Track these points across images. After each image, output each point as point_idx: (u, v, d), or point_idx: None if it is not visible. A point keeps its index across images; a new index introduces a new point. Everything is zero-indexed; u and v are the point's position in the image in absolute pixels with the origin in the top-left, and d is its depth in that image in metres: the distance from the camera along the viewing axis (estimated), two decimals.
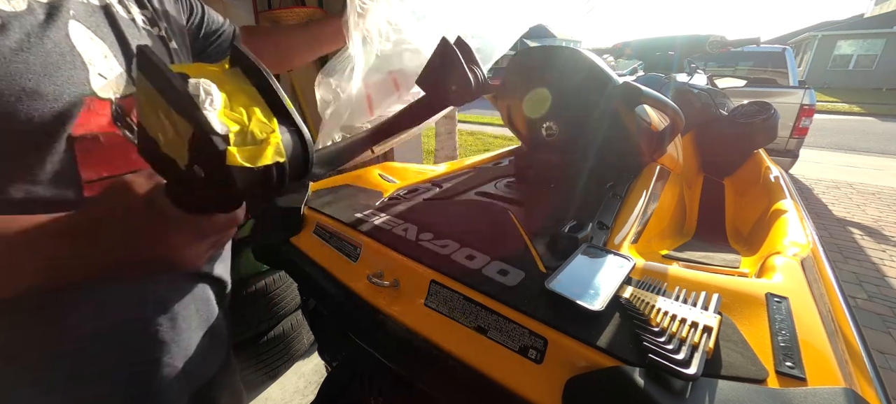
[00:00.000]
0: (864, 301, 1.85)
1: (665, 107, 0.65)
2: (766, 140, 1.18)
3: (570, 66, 0.69)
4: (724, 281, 0.40)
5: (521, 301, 0.39)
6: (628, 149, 0.73)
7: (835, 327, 0.37)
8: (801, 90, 3.28)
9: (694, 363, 0.29)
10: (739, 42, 1.33)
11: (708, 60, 3.71)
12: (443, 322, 0.42)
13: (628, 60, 1.67)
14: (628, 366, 0.30)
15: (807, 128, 3.31)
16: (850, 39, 16.46)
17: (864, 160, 4.69)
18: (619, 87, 0.65)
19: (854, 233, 2.60)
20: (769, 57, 3.85)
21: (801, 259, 0.47)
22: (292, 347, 1.48)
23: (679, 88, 1.12)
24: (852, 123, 7.52)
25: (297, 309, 1.46)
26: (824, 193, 3.47)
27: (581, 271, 0.41)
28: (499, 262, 0.45)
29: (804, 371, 0.30)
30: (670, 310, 0.35)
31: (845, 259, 2.25)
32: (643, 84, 0.65)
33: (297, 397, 1.42)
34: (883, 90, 14.73)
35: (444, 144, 3.26)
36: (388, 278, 0.48)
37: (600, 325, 0.35)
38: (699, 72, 1.52)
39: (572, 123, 0.70)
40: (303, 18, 1.91)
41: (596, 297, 0.37)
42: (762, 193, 0.94)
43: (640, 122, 0.70)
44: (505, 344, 0.37)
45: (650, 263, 0.45)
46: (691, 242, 0.83)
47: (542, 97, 0.70)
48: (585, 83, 0.67)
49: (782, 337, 0.33)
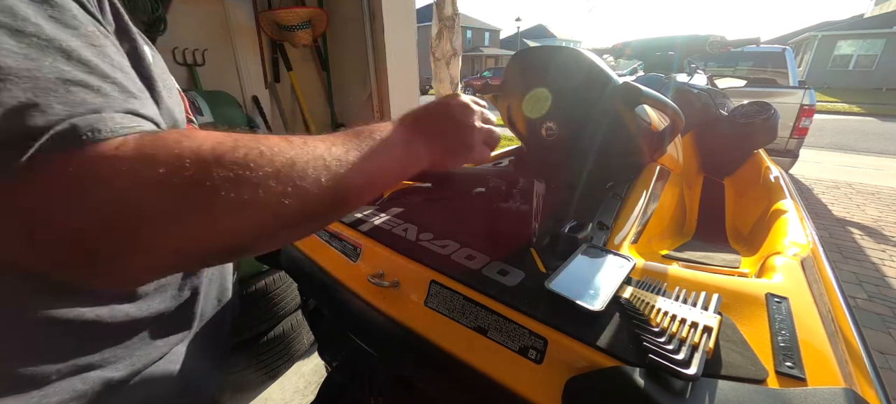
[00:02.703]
0: (864, 301, 1.85)
1: (665, 108, 0.65)
2: (766, 140, 1.18)
3: (570, 66, 0.69)
4: (724, 281, 0.40)
5: (521, 301, 0.39)
6: (628, 149, 0.73)
7: (835, 327, 0.37)
8: (800, 90, 3.28)
9: (694, 363, 0.29)
10: (739, 42, 1.33)
11: (708, 60, 3.70)
12: (443, 322, 0.42)
13: (628, 60, 1.67)
14: (628, 366, 0.30)
15: (807, 128, 3.31)
16: (850, 39, 16.46)
17: (863, 160, 4.69)
18: (619, 87, 0.65)
19: (854, 233, 2.60)
20: (769, 57, 3.85)
21: (801, 259, 0.47)
22: (292, 347, 1.48)
23: (679, 88, 1.12)
24: (852, 123, 7.51)
25: (297, 310, 1.46)
26: (824, 193, 3.47)
27: (581, 271, 0.41)
28: (499, 262, 0.45)
29: (804, 371, 0.30)
30: (670, 310, 0.35)
31: (845, 259, 2.25)
32: (643, 84, 0.65)
33: (297, 397, 1.42)
34: (883, 90, 14.73)
35: None
36: (388, 278, 0.48)
37: (600, 325, 0.35)
38: (699, 72, 1.52)
39: (572, 124, 0.70)
40: (303, 18, 1.91)
41: (596, 297, 0.37)
42: (762, 193, 0.94)
43: (640, 122, 0.70)
44: (505, 345, 0.37)
45: (650, 263, 0.45)
46: (691, 242, 0.83)
47: (542, 97, 0.70)
48: (585, 83, 0.67)
49: (782, 338, 0.33)
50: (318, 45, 2.17)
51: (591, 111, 0.68)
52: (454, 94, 0.44)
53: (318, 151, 0.29)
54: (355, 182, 0.30)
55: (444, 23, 2.86)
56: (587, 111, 0.68)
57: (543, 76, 0.71)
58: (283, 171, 0.26)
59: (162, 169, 0.22)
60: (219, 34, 1.92)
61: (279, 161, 0.26)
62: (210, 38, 1.87)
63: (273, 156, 0.26)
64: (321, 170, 0.28)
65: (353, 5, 1.92)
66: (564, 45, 0.74)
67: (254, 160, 0.25)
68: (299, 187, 0.26)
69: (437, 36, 2.90)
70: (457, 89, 3.12)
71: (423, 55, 2.72)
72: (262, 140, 0.26)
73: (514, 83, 0.74)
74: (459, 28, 2.95)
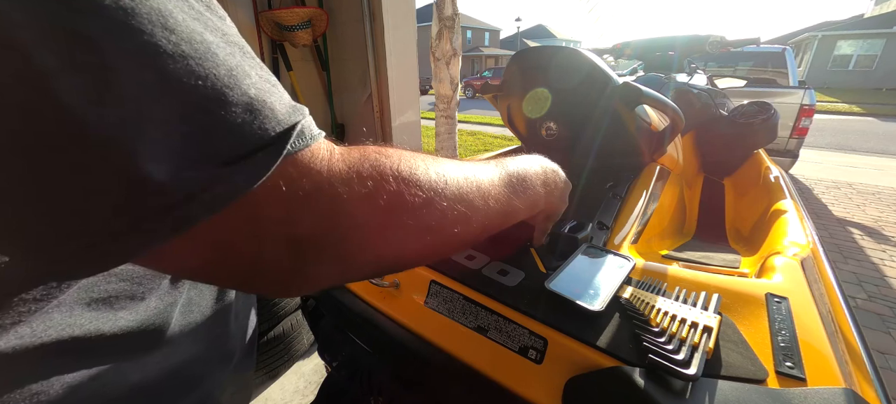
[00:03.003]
0: (864, 301, 1.85)
1: (665, 108, 0.65)
2: (766, 140, 1.18)
3: (570, 66, 0.69)
4: (724, 281, 0.40)
5: (521, 301, 0.39)
6: (628, 149, 0.73)
7: (835, 327, 0.37)
8: (801, 90, 3.28)
9: (694, 363, 0.29)
10: (739, 42, 1.33)
11: (708, 60, 3.70)
12: (443, 322, 0.42)
13: (628, 60, 1.67)
14: (628, 366, 0.30)
15: (807, 128, 3.30)
16: (850, 39, 16.46)
17: (864, 160, 4.68)
18: (618, 87, 0.65)
19: (854, 233, 2.60)
20: (769, 57, 3.85)
21: (801, 259, 0.47)
22: (292, 347, 1.48)
23: (679, 88, 1.12)
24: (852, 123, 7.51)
25: (298, 309, 1.46)
26: (824, 193, 3.47)
27: (581, 271, 0.41)
28: (499, 262, 0.45)
29: (804, 371, 0.30)
30: (670, 310, 0.35)
31: (845, 259, 2.25)
32: (643, 84, 0.65)
33: (297, 397, 1.42)
34: (883, 90, 14.73)
35: (444, 144, 3.26)
36: (388, 278, 0.48)
37: (600, 325, 0.35)
38: (699, 72, 1.52)
39: (572, 123, 0.70)
40: (303, 18, 1.91)
41: (596, 297, 0.37)
42: (762, 193, 0.94)
43: (640, 122, 0.70)
44: (505, 345, 0.37)
45: (650, 263, 0.45)
46: (691, 242, 0.82)
47: (542, 97, 0.70)
48: (585, 83, 0.67)
49: (782, 338, 0.33)
50: (318, 45, 2.17)
51: (591, 111, 0.68)
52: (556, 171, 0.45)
53: (483, 186, 0.30)
54: (502, 220, 0.33)
55: (444, 23, 2.86)
56: (587, 111, 0.68)
57: (543, 76, 0.71)
58: (463, 198, 0.27)
59: (370, 183, 0.22)
60: None
61: (461, 188, 0.28)
62: None
63: (458, 184, 0.27)
64: (488, 200, 0.30)
65: (353, 5, 1.92)
66: (564, 45, 0.74)
67: (441, 185, 0.26)
68: (471, 217, 0.28)
69: (437, 36, 2.90)
70: (457, 89, 3.12)
71: (423, 55, 2.72)
72: (444, 164, 0.28)
73: (514, 83, 0.74)
74: (459, 28, 2.94)
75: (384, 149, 0.25)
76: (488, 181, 0.31)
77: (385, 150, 0.25)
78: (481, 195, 0.30)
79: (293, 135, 0.20)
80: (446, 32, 2.87)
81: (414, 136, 2.24)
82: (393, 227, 0.23)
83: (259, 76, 0.20)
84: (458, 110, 3.25)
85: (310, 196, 0.20)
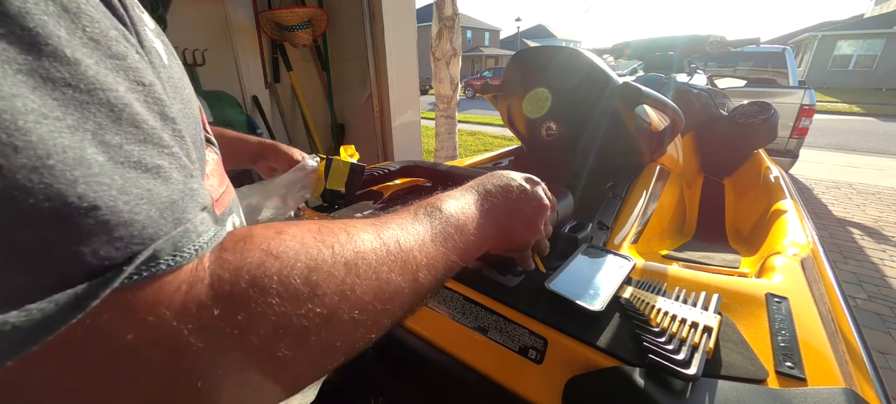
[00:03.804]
0: (864, 301, 1.85)
1: (665, 108, 0.65)
2: (766, 140, 1.18)
3: (570, 66, 0.69)
4: (724, 281, 0.40)
5: (521, 301, 0.39)
6: (628, 149, 0.73)
7: (835, 327, 0.37)
8: (800, 90, 3.28)
9: (694, 363, 0.29)
10: (739, 42, 1.33)
11: (708, 60, 3.71)
12: (443, 322, 0.42)
13: (628, 60, 1.67)
14: (628, 366, 0.30)
15: (807, 128, 3.31)
16: (850, 39, 16.45)
17: (864, 160, 4.68)
18: (618, 87, 0.65)
19: (854, 233, 2.60)
20: (769, 57, 3.85)
21: (801, 259, 0.47)
22: None
23: (679, 88, 1.12)
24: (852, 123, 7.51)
25: None
26: (824, 193, 3.47)
27: (581, 271, 0.41)
28: None
29: (804, 371, 0.30)
30: (670, 310, 0.35)
31: (845, 259, 2.25)
32: (643, 84, 0.65)
33: (298, 397, 1.42)
34: (883, 90, 14.72)
35: (444, 144, 3.26)
36: None
37: (600, 325, 0.35)
38: (699, 72, 1.52)
39: (572, 123, 0.70)
40: (303, 18, 1.91)
41: (596, 297, 0.37)
42: (762, 193, 0.94)
43: (640, 122, 0.70)
44: (505, 345, 0.38)
45: (650, 263, 0.45)
46: (691, 242, 0.82)
47: (542, 97, 0.70)
48: (585, 83, 0.67)
49: (782, 338, 0.33)
50: (318, 45, 2.17)
51: (591, 111, 0.68)
52: (534, 180, 0.40)
53: (412, 256, 0.26)
54: (439, 283, 0.28)
55: (444, 23, 2.86)
56: (587, 111, 0.68)
57: (543, 76, 0.71)
58: (383, 289, 0.23)
59: (241, 316, 0.16)
60: (219, 34, 1.92)
61: (379, 276, 0.23)
62: (210, 38, 1.88)
63: (376, 270, 0.23)
64: (418, 273, 0.25)
65: (353, 5, 1.92)
66: (564, 46, 0.74)
67: (351, 283, 0.21)
68: (395, 309, 0.24)
69: (437, 36, 2.90)
70: (457, 89, 3.12)
71: (423, 55, 2.72)
72: (359, 241, 0.23)
73: (514, 83, 0.74)
74: (459, 28, 2.95)
75: (279, 240, 0.19)
76: (418, 246, 0.26)
77: (281, 241, 0.19)
78: (407, 271, 0.25)
79: (138, 260, 0.14)
80: (446, 32, 2.88)
81: (414, 136, 2.24)
82: (276, 368, 0.18)
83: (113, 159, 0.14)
84: (458, 110, 3.25)
85: (136, 352, 0.14)
